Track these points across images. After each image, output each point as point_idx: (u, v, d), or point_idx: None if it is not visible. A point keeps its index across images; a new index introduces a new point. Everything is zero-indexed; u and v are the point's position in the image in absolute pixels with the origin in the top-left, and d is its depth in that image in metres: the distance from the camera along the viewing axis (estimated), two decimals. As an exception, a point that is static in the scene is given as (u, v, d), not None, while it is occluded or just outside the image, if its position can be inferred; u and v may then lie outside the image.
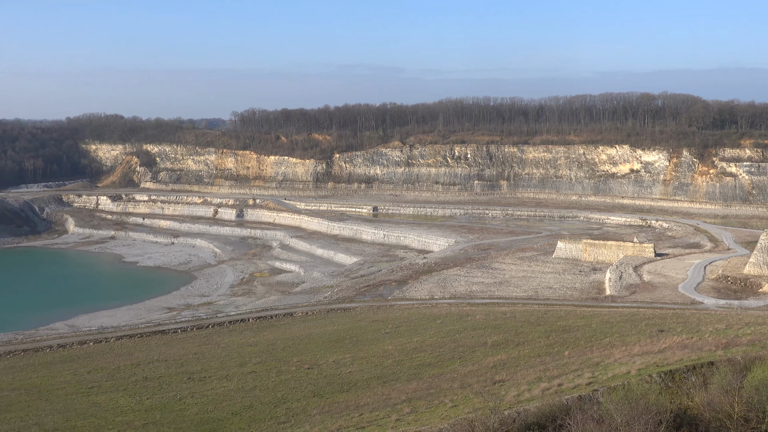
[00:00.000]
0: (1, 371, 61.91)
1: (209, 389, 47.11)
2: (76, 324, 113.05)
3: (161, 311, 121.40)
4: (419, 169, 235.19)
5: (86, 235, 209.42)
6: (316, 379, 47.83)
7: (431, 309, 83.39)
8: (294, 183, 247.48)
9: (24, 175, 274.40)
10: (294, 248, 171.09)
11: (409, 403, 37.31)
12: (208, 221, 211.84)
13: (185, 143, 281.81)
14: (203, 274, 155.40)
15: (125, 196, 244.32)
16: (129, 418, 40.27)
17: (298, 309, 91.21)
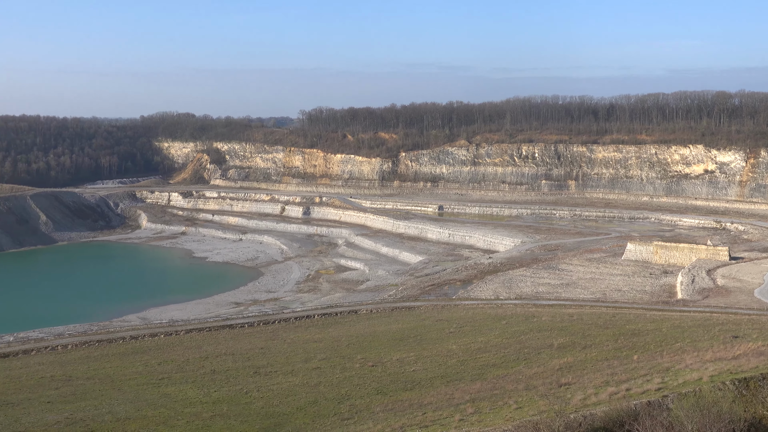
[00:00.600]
0: (77, 360, 64.05)
1: (275, 384, 47.71)
2: (147, 317, 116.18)
3: (229, 306, 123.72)
4: (485, 168, 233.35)
5: (158, 230, 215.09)
6: (379, 377, 47.94)
7: (496, 309, 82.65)
8: (360, 181, 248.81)
9: (100, 172, 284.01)
10: (359, 246, 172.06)
11: (473, 403, 37.04)
12: (275, 218, 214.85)
13: (254, 141, 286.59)
14: (270, 270, 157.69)
15: (196, 192, 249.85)
16: (197, 409, 41.11)
17: (362, 306, 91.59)
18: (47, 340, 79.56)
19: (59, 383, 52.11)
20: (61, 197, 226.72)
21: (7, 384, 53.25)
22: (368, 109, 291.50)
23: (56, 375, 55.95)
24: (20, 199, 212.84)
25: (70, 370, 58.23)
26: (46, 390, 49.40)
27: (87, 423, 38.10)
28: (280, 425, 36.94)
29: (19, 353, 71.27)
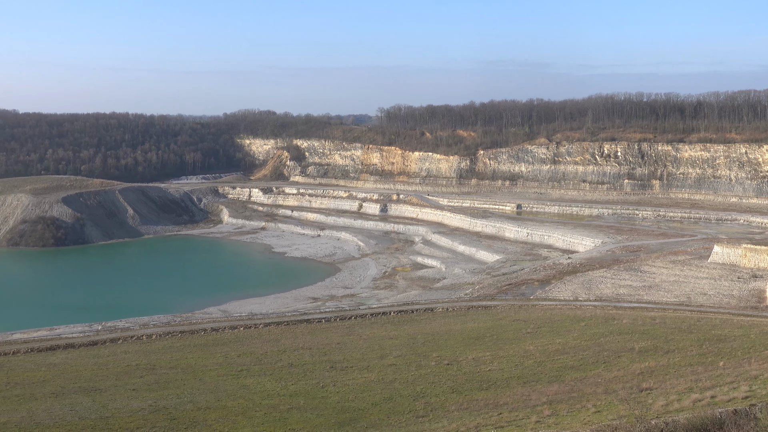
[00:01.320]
0: (160, 350, 66.08)
1: (350, 379, 48.07)
2: (228, 309, 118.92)
3: (306, 301, 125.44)
4: (566, 167, 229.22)
5: (239, 225, 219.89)
6: (455, 376, 47.70)
7: (575, 311, 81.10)
8: (437, 179, 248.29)
9: (184, 168, 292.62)
10: (436, 244, 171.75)
11: (550, 405, 36.43)
12: (352, 215, 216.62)
13: (333, 138, 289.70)
14: (347, 266, 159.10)
15: (275, 189, 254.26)
16: (275, 401, 41.78)
17: (438, 305, 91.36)
18: (133, 330, 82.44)
19: (144, 372, 53.88)
20: (147, 192, 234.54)
21: (96, 371, 55.43)
22: (447, 106, 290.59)
23: (141, 363, 57.88)
24: (109, 194, 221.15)
25: (154, 360, 60.14)
26: (131, 378, 51.15)
27: (169, 411, 39.24)
28: (355, 420, 37.19)
29: (107, 341, 74.09)
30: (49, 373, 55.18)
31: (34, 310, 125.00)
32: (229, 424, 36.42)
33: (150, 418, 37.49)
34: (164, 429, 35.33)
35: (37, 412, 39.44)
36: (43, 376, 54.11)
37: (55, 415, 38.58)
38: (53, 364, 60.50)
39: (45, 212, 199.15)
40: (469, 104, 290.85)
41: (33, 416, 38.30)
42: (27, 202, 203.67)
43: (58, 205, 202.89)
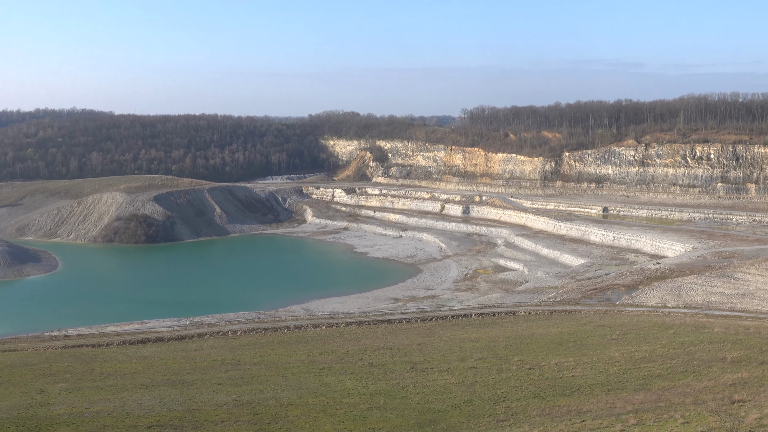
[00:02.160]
0: (245, 346, 67.56)
1: (431, 380, 47.95)
2: (310, 308, 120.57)
3: (387, 301, 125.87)
4: (655, 170, 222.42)
5: (322, 225, 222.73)
6: (537, 380, 46.96)
7: (663, 318, 78.61)
8: (521, 181, 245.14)
9: (270, 168, 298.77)
10: (518, 246, 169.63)
11: (636, 414, 35.42)
12: (434, 216, 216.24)
13: (416, 140, 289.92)
14: (428, 267, 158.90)
15: (358, 189, 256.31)
16: (355, 400, 42.05)
17: (520, 308, 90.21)
18: (219, 326, 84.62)
19: (229, 367, 55.20)
20: (234, 191, 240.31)
21: (184, 364, 57.14)
22: (531, 107, 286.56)
23: (226, 359, 59.32)
24: (198, 193, 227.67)
25: (239, 355, 61.52)
26: (217, 372, 52.46)
27: (253, 406, 40.03)
28: (435, 422, 37.06)
29: (194, 336, 76.29)
30: (139, 366, 57.22)
31: (126, 304, 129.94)
32: (311, 420, 36.87)
33: (234, 412, 38.32)
34: (248, 423, 36.06)
35: (128, 402, 40.91)
36: (134, 368, 56.14)
37: (145, 405, 39.92)
38: (144, 357, 62.70)
39: (138, 210, 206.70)
40: (555, 105, 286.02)
41: (124, 406, 39.74)
42: (121, 200, 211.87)
43: (150, 203, 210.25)
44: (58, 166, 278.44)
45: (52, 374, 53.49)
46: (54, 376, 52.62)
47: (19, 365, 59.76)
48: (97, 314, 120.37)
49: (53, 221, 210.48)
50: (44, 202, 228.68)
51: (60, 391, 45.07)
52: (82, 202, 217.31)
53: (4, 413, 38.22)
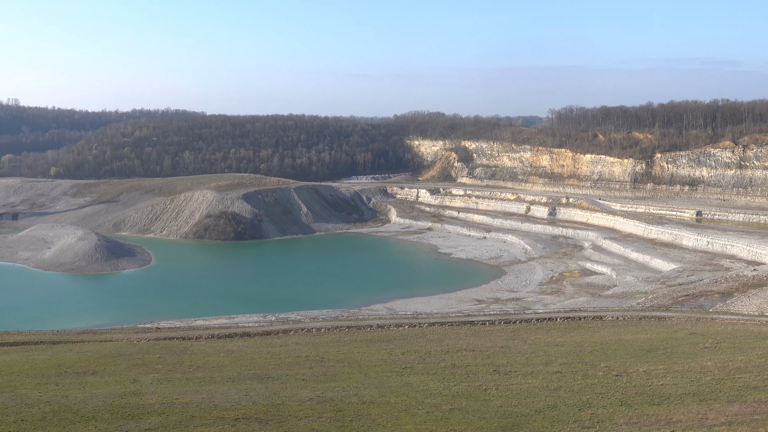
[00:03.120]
0: (328, 343, 68.31)
1: (514, 383, 47.31)
2: (393, 307, 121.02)
3: (471, 302, 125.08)
4: (753, 172, 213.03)
5: (406, 225, 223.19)
6: (624, 388, 45.66)
7: (760, 327, 75.19)
8: (609, 183, 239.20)
9: (355, 167, 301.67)
10: (606, 250, 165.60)
11: (729, 426, 33.97)
12: (519, 218, 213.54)
13: (501, 140, 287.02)
14: (513, 269, 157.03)
15: (443, 190, 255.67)
16: (437, 401, 41.90)
17: (608, 313, 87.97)
18: (304, 323, 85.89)
19: (312, 363, 55.91)
20: (320, 190, 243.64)
21: (269, 360, 58.22)
22: (622, 107, 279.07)
23: (310, 355, 60.10)
24: (285, 192, 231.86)
25: (323, 352, 62.24)
26: (301, 368, 53.21)
27: (335, 403, 40.40)
28: (517, 426, 36.53)
29: (279, 332, 77.65)
30: (227, 359, 58.63)
31: (215, 299, 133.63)
32: (392, 419, 36.92)
33: (317, 408, 38.76)
34: (330, 420, 36.40)
35: (216, 394, 41.96)
36: (222, 361, 57.56)
37: (231, 398, 40.86)
38: (231, 351, 64.21)
39: (227, 208, 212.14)
40: (647, 105, 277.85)
41: (212, 398, 40.78)
42: (211, 198, 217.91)
43: (238, 201, 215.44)
44: (152, 165, 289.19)
45: (144, 365, 55.43)
46: (146, 366, 54.50)
47: (114, 355, 62.19)
48: (187, 308, 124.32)
49: (147, 218, 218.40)
50: (139, 199, 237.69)
51: (152, 382, 46.64)
52: (174, 200, 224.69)
53: (99, 401, 39.85)
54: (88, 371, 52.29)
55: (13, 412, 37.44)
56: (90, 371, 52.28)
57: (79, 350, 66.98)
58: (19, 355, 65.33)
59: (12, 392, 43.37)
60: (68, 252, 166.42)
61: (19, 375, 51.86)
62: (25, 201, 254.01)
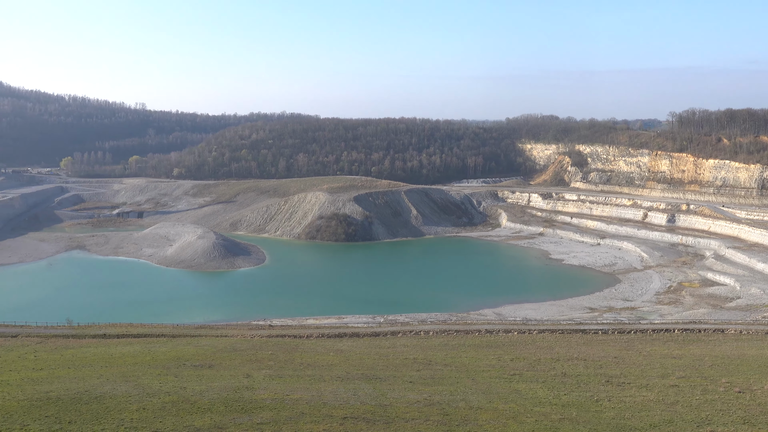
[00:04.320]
0: (436, 347, 68.28)
1: (627, 396, 45.76)
2: (502, 313, 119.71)
3: (582, 310, 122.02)
4: None
5: (516, 229, 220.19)
6: (747, 405, 43.30)
7: None
8: (734, 189, 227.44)
9: (465, 171, 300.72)
10: (730, 260, 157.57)
11: None
12: (636, 224, 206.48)
13: (617, 144, 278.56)
14: (627, 278, 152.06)
15: (555, 194, 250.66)
16: (546, 410, 41.08)
17: (730, 326, 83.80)
18: (412, 325, 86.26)
19: (420, 366, 56.03)
20: (430, 194, 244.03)
21: (377, 360, 58.77)
22: (749, 110, 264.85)
23: (418, 358, 60.27)
24: (396, 194, 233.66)
25: (430, 355, 62.28)
26: (408, 370, 53.43)
27: (442, 407, 40.28)
28: (631, 440, 35.32)
29: (387, 334, 78.31)
30: (336, 359, 59.62)
31: (325, 299, 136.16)
32: (500, 426, 36.46)
33: (424, 411, 38.77)
34: (437, 423, 36.32)
35: (325, 392, 42.72)
36: (332, 360, 58.58)
37: (340, 397, 41.48)
38: (340, 351, 65.26)
39: (338, 209, 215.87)
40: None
41: (321, 396, 41.54)
42: (324, 199, 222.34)
43: (350, 203, 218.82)
44: (268, 166, 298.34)
45: (257, 361, 57.15)
46: (259, 362, 56.17)
47: (229, 350, 64.43)
48: (299, 307, 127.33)
49: (262, 218, 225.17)
50: (255, 200, 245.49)
51: (264, 377, 48.01)
52: (288, 201, 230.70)
53: (215, 393, 41.36)
54: (204, 365, 54.44)
55: (135, 401, 39.43)
56: (206, 365, 54.41)
57: (197, 344, 69.86)
58: (142, 346, 68.83)
59: (135, 382, 45.71)
60: (188, 249, 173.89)
61: (141, 366, 54.62)
62: (149, 200, 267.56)
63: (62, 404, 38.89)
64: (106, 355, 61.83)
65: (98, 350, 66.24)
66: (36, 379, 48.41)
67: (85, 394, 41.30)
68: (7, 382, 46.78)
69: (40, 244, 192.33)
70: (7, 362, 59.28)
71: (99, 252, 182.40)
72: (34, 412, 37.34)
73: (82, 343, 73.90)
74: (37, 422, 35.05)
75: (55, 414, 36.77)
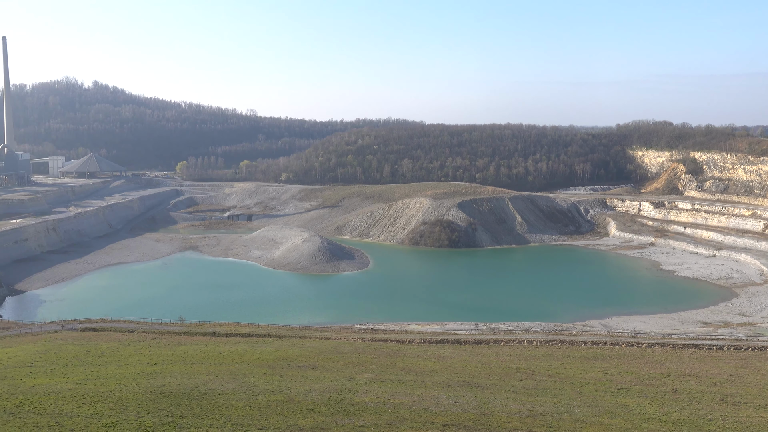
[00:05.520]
0: (540, 357, 67.02)
1: (744, 416, 43.50)
2: (609, 324, 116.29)
3: (695, 324, 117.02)
4: None
5: (626, 239, 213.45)
6: None
7: None
8: None
9: (573, 178, 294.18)
10: None
11: None
12: (755, 236, 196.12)
13: (736, 151, 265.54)
14: (745, 292, 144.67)
15: (667, 203, 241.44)
16: (655, 426, 39.60)
17: None
18: (515, 334, 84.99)
19: (523, 375, 55.13)
20: (535, 201, 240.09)
21: (479, 368, 58.23)
22: None
23: (521, 367, 59.32)
24: (500, 201, 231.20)
25: (534, 365, 61.17)
26: (511, 380, 52.67)
27: (546, 418, 39.49)
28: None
29: (490, 342, 77.47)
30: (437, 365, 59.46)
31: (427, 304, 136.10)
32: (606, 441, 35.41)
33: (527, 422, 38.12)
34: (540, 435, 35.63)
35: (426, 398, 42.66)
36: (433, 366, 58.46)
37: (441, 404, 41.32)
38: (442, 357, 65.07)
39: (442, 216, 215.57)
40: None
41: (422, 402, 41.51)
42: (428, 205, 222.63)
43: (453, 209, 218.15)
44: (373, 172, 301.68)
45: (360, 364, 57.72)
46: (361, 365, 56.72)
47: (332, 352, 65.38)
48: (401, 311, 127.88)
49: (366, 223, 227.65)
50: (359, 205, 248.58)
51: (366, 381, 48.42)
52: (392, 206, 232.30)
53: (318, 394, 42.02)
54: (308, 366, 55.45)
55: (242, 398, 40.58)
56: (310, 366, 55.40)
57: (301, 345, 71.27)
58: (249, 345, 70.82)
59: (242, 380, 47.05)
60: (294, 252, 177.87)
61: (248, 364, 56.18)
62: (258, 204, 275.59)
63: (174, 398, 40.49)
64: (215, 353, 63.99)
65: (208, 348, 68.66)
66: (150, 373, 50.65)
67: (195, 390, 42.86)
68: (124, 375, 49.17)
69: (156, 244, 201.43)
70: (124, 356, 62.33)
71: (210, 253, 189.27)
72: (148, 404, 39.03)
73: (193, 340, 76.82)
74: (150, 414, 36.61)
75: (168, 407, 38.31)
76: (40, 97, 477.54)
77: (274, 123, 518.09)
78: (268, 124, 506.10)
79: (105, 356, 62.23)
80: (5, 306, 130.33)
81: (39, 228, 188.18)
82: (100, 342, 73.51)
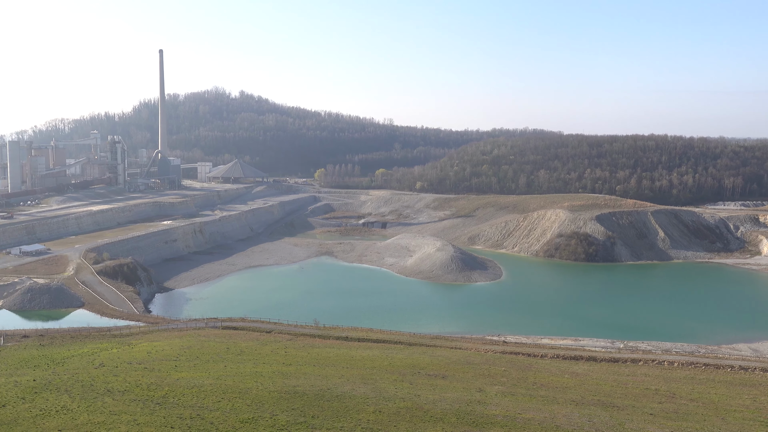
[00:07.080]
0: (681, 379, 63.71)
1: None
2: (759, 349, 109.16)
3: None
4: None
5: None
6: None
7: None
8: None
9: (722, 193, 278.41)
10: None
11: None
12: None
13: None
14: None
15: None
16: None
17: None
18: (654, 354, 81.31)
19: (662, 398, 52.58)
20: (680, 215, 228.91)
21: (615, 388, 56.07)
22: None
23: (660, 389, 56.62)
24: (641, 215, 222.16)
25: (674, 388, 58.23)
26: (649, 401, 50.36)
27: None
28: None
29: (627, 361, 74.48)
30: (571, 381, 57.78)
31: (561, 319, 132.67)
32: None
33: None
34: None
35: (558, 415, 41.51)
36: (566, 383, 56.85)
37: (574, 422, 40.08)
38: (575, 374, 63.18)
39: (579, 228, 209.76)
40: None
41: (554, 418, 40.42)
42: (564, 217, 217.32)
43: (591, 222, 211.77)
44: (508, 182, 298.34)
45: (490, 376, 57.05)
46: (492, 378, 56.05)
47: (463, 363, 65.00)
48: (533, 325, 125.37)
49: (500, 233, 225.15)
50: (493, 215, 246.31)
51: (496, 393, 47.76)
52: (527, 217, 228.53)
53: (447, 404, 41.85)
54: (438, 375, 55.38)
55: (372, 403, 41.05)
56: (440, 375, 55.31)
57: (432, 354, 71.34)
58: (380, 351, 71.66)
59: (373, 385, 47.62)
60: (427, 261, 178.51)
61: (379, 370, 56.83)
62: (393, 211, 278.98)
63: (307, 399, 41.56)
64: (347, 357, 65.18)
65: (340, 351, 70.05)
66: (285, 373, 52.26)
67: (328, 392, 43.80)
68: (261, 374, 51.01)
69: (294, 248, 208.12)
70: (262, 355, 64.69)
71: (345, 259, 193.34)
72: (283, 403, 40.27)
73: (326, 343, 78.65)
74: (284, 413, 37.74)
75: (301, 407, 39.36)
76: (191, 106, 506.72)
77: (410, 132, 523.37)
78: (404, 133, 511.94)
79: (244, 354, 64.82)
80: (155, 302, 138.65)
81: (187, 230, 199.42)
82: (240, 340, 76.69)
